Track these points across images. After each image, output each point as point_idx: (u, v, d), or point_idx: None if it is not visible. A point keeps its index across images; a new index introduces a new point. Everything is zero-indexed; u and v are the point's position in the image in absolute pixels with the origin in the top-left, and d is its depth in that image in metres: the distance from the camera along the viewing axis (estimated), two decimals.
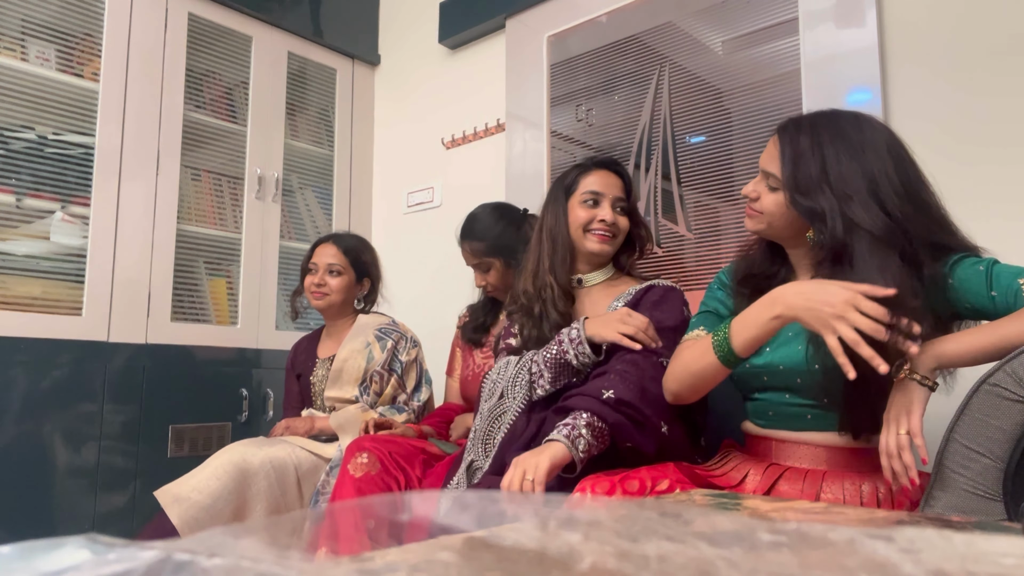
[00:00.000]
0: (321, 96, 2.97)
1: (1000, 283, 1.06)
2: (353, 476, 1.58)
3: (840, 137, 1.15)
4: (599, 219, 1.49)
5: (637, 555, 0.32)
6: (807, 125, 1.19)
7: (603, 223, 1.48)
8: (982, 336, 1.01)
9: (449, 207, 2.75)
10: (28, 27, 2.20)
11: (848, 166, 1.12)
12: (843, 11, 1.80)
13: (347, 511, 0.37)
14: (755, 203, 1.22)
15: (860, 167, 1.13)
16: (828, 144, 1.15)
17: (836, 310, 0.99)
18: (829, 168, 1.13)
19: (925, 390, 1.01)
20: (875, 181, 1.12)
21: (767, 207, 1.20)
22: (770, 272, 1.29)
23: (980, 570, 0.32)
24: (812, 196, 1.13)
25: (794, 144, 1.17)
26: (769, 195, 1.20)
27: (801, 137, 1.17)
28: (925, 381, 1.01)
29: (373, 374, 1.98)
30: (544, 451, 1.19)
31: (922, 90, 1.69)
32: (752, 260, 1.32)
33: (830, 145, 1.14)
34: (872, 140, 1.15)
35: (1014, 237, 1.50)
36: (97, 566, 0.28)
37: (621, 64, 2.27)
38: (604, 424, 1.25)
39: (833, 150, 1.14)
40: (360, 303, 2.16)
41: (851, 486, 1.13)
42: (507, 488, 1.17)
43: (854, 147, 1.14)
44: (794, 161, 1.16)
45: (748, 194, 1.24)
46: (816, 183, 1.13)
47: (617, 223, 1.50)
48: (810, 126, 1.18)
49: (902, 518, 0.67)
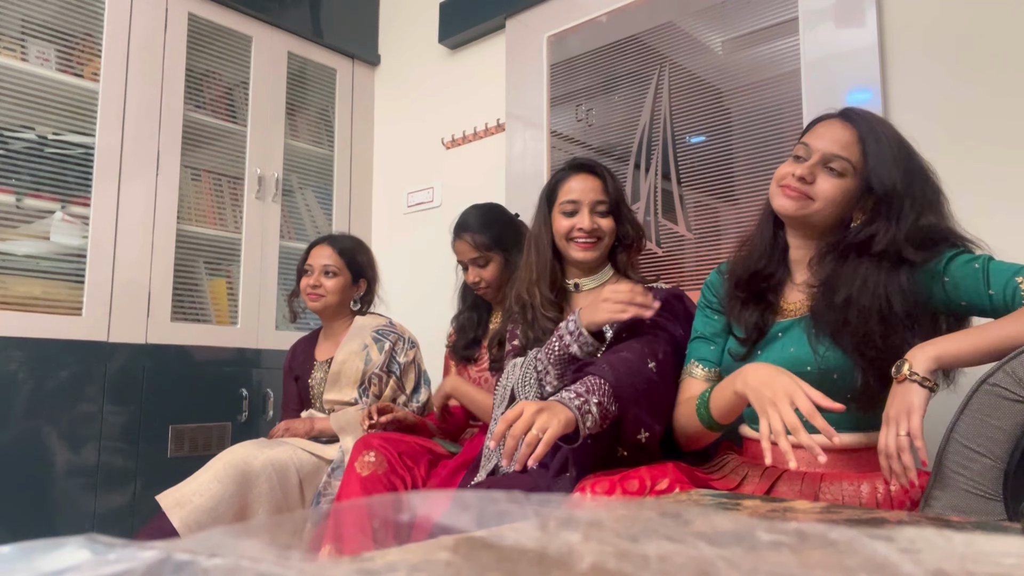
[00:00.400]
0: (321, 96, 2.97)
1: (997, 281, 1.06)
2: (360, 475, 1.58)
3: (900, 140, 1.18)
4: (578, 228, 1.47)
5: (637, 555, 0.32)
6: (871, 118, 1.20)
7: (582, 231, 1.47)
8: (982, 336, 1.01)
9: (449, 207, 2.75)
10: (28, 27, 2.20)
11: (910, 165, 1.15)
12: (843, 11, 1.80)
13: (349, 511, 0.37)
14: (808, 186, 1.17)
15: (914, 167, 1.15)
16: (895, 142, 1.16)
17: (775, 397, 1.02)
18: (903, 165, 1.15)
19: (925, 392, 1.00)
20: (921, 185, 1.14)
21: (825, 192, 1.16)
22: (768, 272, 1.28)
23: (980, 570, 0.32)
24: (891, 186, 1.13)
25: (875, 135, 1.16)
26: (829, 180, 1.16)
27: (876, 128, 1.17)
28: (925, 383, 1.00)
29: (371, 376, 1.98)
30: (558, 414, 1.13)
31: (922, 90, 1.69)
32: (749, 255, 1.30)
33: (896, 144, 1.16)
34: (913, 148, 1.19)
35: (1014, 236, 1.50)
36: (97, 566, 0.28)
37: (621, 64, 2.27)
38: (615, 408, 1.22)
39: (900, 149, 1.16)
40: (356, 304, 2.15)
41: (850, 486, 1.13)
42: (508, 423, 1.10)
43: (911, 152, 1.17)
44: (883, 149, 1.15)
45: (802, 175, 1.17)
46: (894, 175, 1.14)
47: (599, 227, 1.48)
48: (875, 119, 1.19)
49: (902, 518, 0.67)
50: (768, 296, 1.25)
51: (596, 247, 1.49)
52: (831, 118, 1.22)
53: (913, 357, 1.02)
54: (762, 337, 1.24)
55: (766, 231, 1.30)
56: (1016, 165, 1.55)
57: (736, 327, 1.27)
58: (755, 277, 1.27)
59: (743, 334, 1.25)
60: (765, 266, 1.27)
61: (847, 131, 1.17)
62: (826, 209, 1.17)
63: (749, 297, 1.26)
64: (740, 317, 1.26)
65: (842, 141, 1.17)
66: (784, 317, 1.24)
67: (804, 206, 1.18)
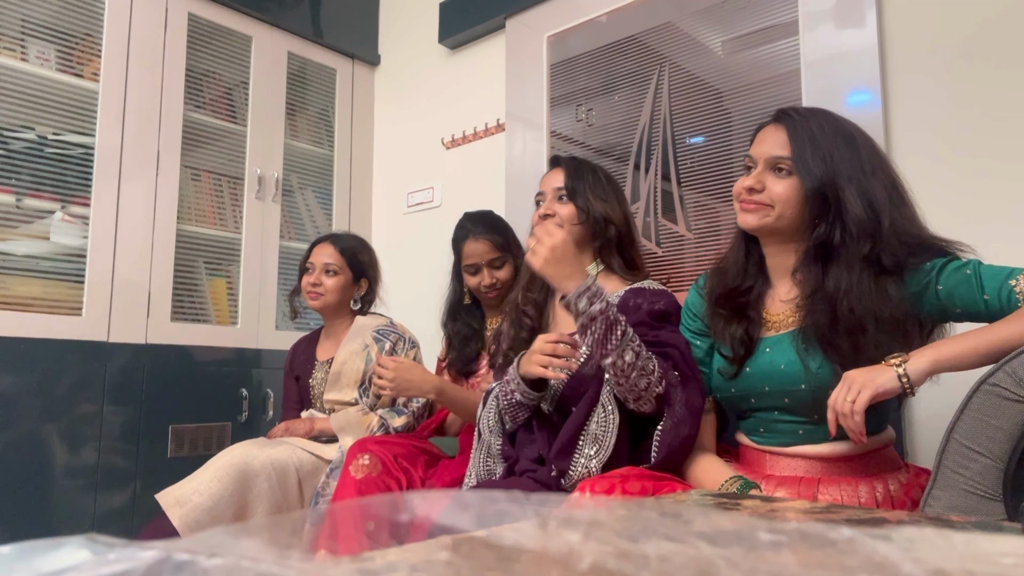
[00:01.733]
0: (321, 96, 2.97)
1: (991, 285, 1.05)
2: (354, 478, 1.58)
3: (838, 129, 1.17)
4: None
5: (637, 555, 0.32)
6: (807, 113, 1.20)
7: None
8: (981, 340, 1.01)
9: (449, 207, 2.75)
10: (28, 27, 2.20)
11: (847, 152, 1.14)
12: (843, 12, 1.80)
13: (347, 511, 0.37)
14: (760, 195, 1.18)
15: (855, 154, 1.14)
16: (830, 132, 1.16)
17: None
18: (836, 154, 1.14)
19: (897, 385, 0.99)
20: (865, 174, 1.13)
21: (778, 195, 1.16)
22: (746, 286, 1.26)
23: (979, 569, 0.32)
24: (821, 177, 1.13)
25: (805, 126, 1.17)
26: (779, 181, 1.17)
27: (810, 121, 1.17)
28: (904, 379, 0.99)
29: (372, 376, 1.98)
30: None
31: (922, 90, 1.69)
32: (725, 273, 1.28)
33: (831, 134, 1.15)
34: (862, 133, 1.17)
35: (1015, 235, 1.50)
36: (97, 566, 0.28)
37: (621, 64, 2.27)
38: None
39: (834, 138, 1.15)
40: (357, 304, 2.15)
41: (848, 487, 1.13)
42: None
43: (850, 136, 1.16)
44: (811, 141, 1.15)
45: (751, 186, 1.19)
46: (827, 166, 1.13)
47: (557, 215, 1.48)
48: (810, 114, 1.19)
49: (902, 518, 0.67)
50: (749, 311, 1.23)
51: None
52: (768, 123, 1.23)
53: (911, 356, 1.01)
54: (750, 354, 1.22)
55: (739, 248, 1.29)
56: (1017, 164, 1.55)
57: (722, 345, 1.26)
58: (733, 292, 1.26)
59: (730, 352, 1.23)
60: (742, 282, 1.26)
61: (781, 131, 1.19)
62: (786, 211, 1.17)
63: (731, 314, 1.24)
64: (724, 334, 1.24)
65: (780, 142, 1.18)
66: (769, 331, 1.23)
67: (764, 215, 1.18)
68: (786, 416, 1.19)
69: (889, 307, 1.09)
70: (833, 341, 1.11)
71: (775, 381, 1.18)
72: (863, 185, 1.12)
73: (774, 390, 1.18)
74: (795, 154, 1.15)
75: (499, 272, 1.86)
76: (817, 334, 1.13)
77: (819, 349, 1.13)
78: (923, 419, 1.57)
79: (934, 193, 1.19)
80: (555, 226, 1.27)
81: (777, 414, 1.20)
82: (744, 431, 1.28)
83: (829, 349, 1.12)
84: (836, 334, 1.11)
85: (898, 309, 1.09)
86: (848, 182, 1.12)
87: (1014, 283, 1.04)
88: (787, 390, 1.16)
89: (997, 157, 1.57)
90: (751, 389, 1.21)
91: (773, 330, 1.22)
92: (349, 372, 2.01)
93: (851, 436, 1.01)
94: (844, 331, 1.10)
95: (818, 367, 1.13)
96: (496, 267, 1.86)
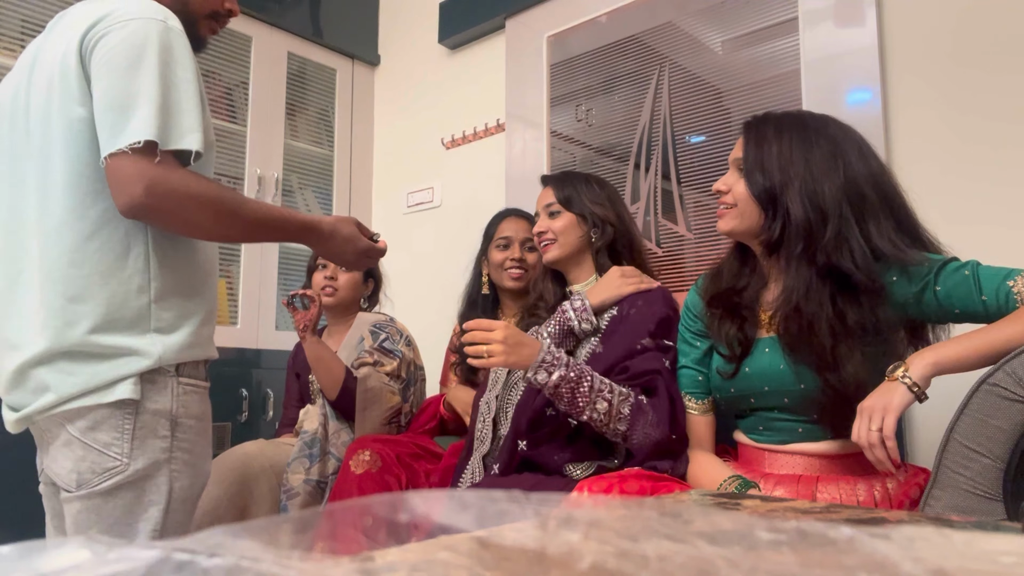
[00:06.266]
0: (321, 96, 2.97)
1: (989, 286, 1.06)
2: (355, 473, 1.58)
3: (798, 129, 1.17)
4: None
5: (637, 554, 0.32)
6: (773, 118, 1.22)
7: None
8: (981, 340, 1.01)
9: (449, 207, 2.75)
10: (28, 27, 2.20)
11: (796, 154, 1.14)
12: (843, 11, 1.80)
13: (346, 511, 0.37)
14: (727, 196, 1.22)
15: (805, 157, 1.14)
16: (786, 134, 1.17)
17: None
18: (782, 153, 1.15)
19: (911, 396, 0.99)
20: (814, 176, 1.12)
21: (739, 193, 1.20)
22: (740, 286, 1.27)
23: (979, 568, 0.32)
24: (766, 177, 1.15)
25: (759, 131, 1.20)
26: (739, 181, 1.21)
27: (767, 127, 1.19)
28: (915, 388, 1.00)
29: (363, 353, 1.96)
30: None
31: (922, 90, 1.69)
32: (720, 274, 1.31)
33: (787, 135, 1.17)
34: (831, 136, 1.16)
35: (1015, 234, 1.50)
36: (97, 566, 0.28)
37: (621, 64, 2.27)
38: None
39: (788, 138, 1.16)
40: (365, 303, 2.16)
41: (847, 485, 1.13)
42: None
43: (808, 139, 1.16)
44: (757, 144, 1.18)
45: (718, 188, 1.24)
46: (770, 166, 1.15)
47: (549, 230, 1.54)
48: (776, 119, 1.21)
49: (902, 517, 0.67)
50: (742, 311, 1.24)
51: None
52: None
53: (911, 362, 1.01)
54: (747, 353, 1.23)
55: (734, 251, 1.31)
56: (1018, 165, 1.55)
57: (720, 345, 1.27)
58: (727, 292, 1.27)
59: (727, 351, 1.24)
60: (736, 283, 1.28)
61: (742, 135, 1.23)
62: (746, 209, 1.19)
63: (725, 313, 1.26)
64: (720, 333, 1.25)
65: (741, 145, 1.22)
66: (767, 331, 1.23)
67: (733, 217, 1.21)
68: (786, 415, 1.20)
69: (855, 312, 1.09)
70: (791, 344, 1.13)
71: (775, 381, 1.18)
72: (809, 186, 1.12)
73: (774, 390, 1.18)
74: (744, 154, 1.20)
75: (529, 255, 1.88)
76: (779, 336, 1.16)
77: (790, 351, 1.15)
78: (923, 419, 1.57)
79: (934, 193, 1.18)
80: (485, 322, 1.29)
81: (777, 413, 1.20)
82: (743, 430, 1.28)
83: (789, 351, 1.14)
84: (790, 335, 1.13)
85: (868, 314, 1.10)
86: (790, 182, 1.13)
87: (1012, 284, 1.04)
88: (787, 390, 1.17)
89: (997, 157, 1.57)
90: (751, 389, 1.21)
91: (767, 330, 1.23)
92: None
93: (884, 468, 1.00)
94: (797, 331, 1.12)
95: (804, 371, 1.14)
96: (529, 249, 1.88)
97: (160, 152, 0.97)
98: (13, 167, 1.07)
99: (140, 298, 1.03)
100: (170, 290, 1.06)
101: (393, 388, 1.92)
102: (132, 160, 0.95)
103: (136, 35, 0.99)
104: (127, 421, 1.01)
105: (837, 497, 1.12)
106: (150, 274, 1.04)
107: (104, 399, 1.00)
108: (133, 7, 1.02)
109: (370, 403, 1.85)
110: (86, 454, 1.00)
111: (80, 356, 1.00)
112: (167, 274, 1.06)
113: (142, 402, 1.02)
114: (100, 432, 1.00)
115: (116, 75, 0.97)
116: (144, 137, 0.95)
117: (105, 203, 1.01)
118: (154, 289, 1.04)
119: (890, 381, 1.02)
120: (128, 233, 1.03)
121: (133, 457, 1.01)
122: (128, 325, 1.02)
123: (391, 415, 1.89)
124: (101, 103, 0.98)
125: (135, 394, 1.01)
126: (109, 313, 1.01)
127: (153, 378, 1.04)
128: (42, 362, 1.01)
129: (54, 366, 1.00)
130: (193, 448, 1.08)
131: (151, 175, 0.95)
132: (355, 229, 1.24)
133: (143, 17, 1.00)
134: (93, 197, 1.01)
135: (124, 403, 1.01)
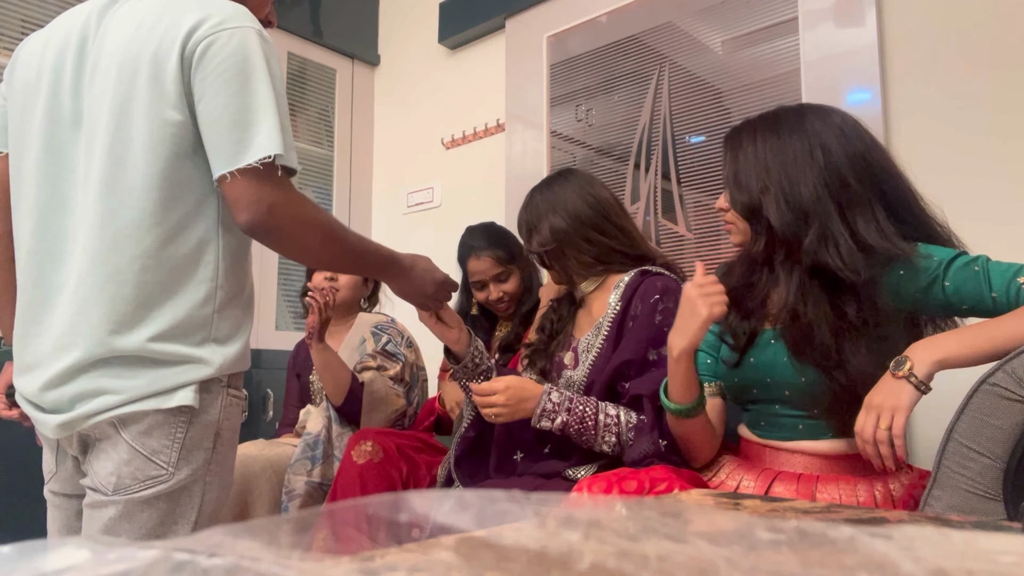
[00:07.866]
0: (321, 96, 2.97)
1: (999, 282, 1.05)
2: (356, 463, 1.58)
3: (771, 131, 1.16)
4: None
5: (637, 554, 0.32)
6: (748, 126, 1.20)
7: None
8: (985, 336, 1.00)
9: (449, 207, 2.75)
10: (28, 27, 2.20)
11: (770, 158, 1.13)
12: (843, 11, 1.80)
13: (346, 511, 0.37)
14: (728, 214, 1.22)
15: (779, 160, 1.12)
16: (759, 140, 1.15)
17: (696, 305, 1.11)
18: (758, 161, 1.14)
19: (918, 394, 0.99)
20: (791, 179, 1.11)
21: (732, 213, 1.21)
22: (749, 282, 1.27)
23: (979, 568, 0.32)
24: (742, 191, 1.15)
25: (734, 143, 1.19)
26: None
27: (741, 137, 1.18)
28: (921, 386, 0.99)
29: (366, 356, 1.96)
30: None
31: (921, 89, 1.69)
32: (732, 269, 1.31)
33: (760, 141, 1.15)
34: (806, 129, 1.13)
35: (1016, 230, 1.50)
36: (97, 566, 0.28)
37: (621, 64, 2.27)
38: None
39: (761, 144, 1.15)
40: (365, 303, 2.16)
41: (847, 486, 1.13)
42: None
43: (781, 139, 1.14)
44: (733, 157, 1.17)
45: (719, 207, 1.24)
46: (746, 179, 1.15)
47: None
48: (750, 126, 1.19)
49: (902, 517, 0.67)
50: (747, 302, 1.24)
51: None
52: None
53: (915, 356, 1.00)
54: (752, 344, 1.23)
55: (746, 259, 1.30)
56: (1018, 162, 1.55)
57: (727, 334, 1.27)
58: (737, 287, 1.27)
59: (733, 341, 1.25)
60: (747, 279, 1.27)
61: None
62: (741, 225, 1.20)
63: (733, 304, 1.26)
64: (726, 322, 1.26)
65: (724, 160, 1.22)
66: (771, 323, 1.23)
67: (735, 234, 1.23)
68: (787, 410, 1.20)
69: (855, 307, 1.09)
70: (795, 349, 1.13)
71: (777, 373, 1.18)
72: (786, 189, 1.11)
73: (775, 382, 1.18)
74: (726, 174, 1.20)
75: (505, 285, 1.84)
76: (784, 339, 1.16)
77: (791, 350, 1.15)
78: (923, 419, 1.57)
79: (934, 192, 1.18)
80: (486, 387, 1.32)
81: (778, 407, 1.20)
82: (746, 423, 1.29)
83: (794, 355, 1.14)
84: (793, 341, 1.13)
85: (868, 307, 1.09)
86: (767, 190, 1.12)
87: (1023, 280, 1.04)
88: (788, 382, 1.17)
89: (997, 156, 1.57)
90: (754, 380, 1.22)
91: (774, 322, 1.23)
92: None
93: (886, 464, 1.00)
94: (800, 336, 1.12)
95: (804, 366, 1.14)
96: (502, 281, 1.84)
97: (281, 169, 0.96)
98: (49, 144, 1.02)
99: (206, 307, 1.01)
100: (231, 301, 1.04)
101: (398, 391, 1.92)
102: (258, 177, 0.93)
103: (246, 46, 0.96)
104: (180, 429, 0.99)
105: (837, 497, 1.12)
106: (217, 283, 1.02)
107: (163, 404, 0.97)
108: (230, 11, 0.98)
109: (375, 407, 1.86)
110: (132, 458, 0.97)
111: (138, 362, 0.97)
112: (230, 285, 1.04)
113: (197, 411, 1.00)
114: (151, 438, 0.98)
115: (232, 88, 0.95)
116: (273, 152, 0.93)
117: (183, 210, 0.99)
118: (219, 299, 1.02)
119: (895, 378, 1.01)
120: (200, 242, 1.01)
121: (178, 467, 0.98)
122: (190, 333, 1.00)
123: (396, 418, 1.89)
124: (220, 117, 0.95)
125: (195, 401, 0.99)
126: (175, 321, 0.98)
127: (209, 387, 1.01)
128: (97, 366, 0.97)
129: (110, 371, 0.97)
130: (225, 460, 1.06)
131: (277, 195, 0.94)
132: (431, 262, 1.24)
133: (244, 26, 0.98)
134: (173, 203, 0.98)
135: (181, 410, 0.99)
